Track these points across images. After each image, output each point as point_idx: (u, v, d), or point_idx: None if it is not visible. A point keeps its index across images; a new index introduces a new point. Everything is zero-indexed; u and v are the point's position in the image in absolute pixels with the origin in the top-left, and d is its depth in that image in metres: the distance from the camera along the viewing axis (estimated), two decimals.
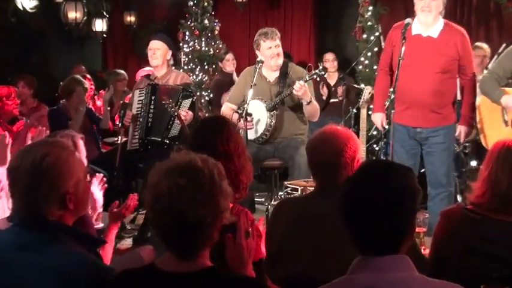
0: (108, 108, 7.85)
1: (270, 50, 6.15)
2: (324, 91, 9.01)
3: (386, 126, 5.94)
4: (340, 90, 9.00)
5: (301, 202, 3.35)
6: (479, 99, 5.81)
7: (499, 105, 5.39)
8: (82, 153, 3.94)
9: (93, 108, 7.66)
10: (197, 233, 2.20)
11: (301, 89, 5.84)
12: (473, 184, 3.09)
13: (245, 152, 3.18)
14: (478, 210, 2.99)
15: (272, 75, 6.30)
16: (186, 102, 6.37)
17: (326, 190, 3.16)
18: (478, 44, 8.07)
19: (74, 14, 9.69)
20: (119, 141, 6.62)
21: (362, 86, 8.85)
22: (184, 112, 6.29)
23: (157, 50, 6.64)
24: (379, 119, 5.86)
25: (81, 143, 4.11)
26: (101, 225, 4.22)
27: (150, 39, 6.88)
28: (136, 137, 6.53)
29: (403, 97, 5.50)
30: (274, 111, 6.13)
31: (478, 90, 5.73)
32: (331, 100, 8.98)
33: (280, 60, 6.22)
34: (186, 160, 2.26)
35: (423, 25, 5.53)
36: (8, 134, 4.13)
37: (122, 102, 6.75)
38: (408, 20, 5.46)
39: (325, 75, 7.17)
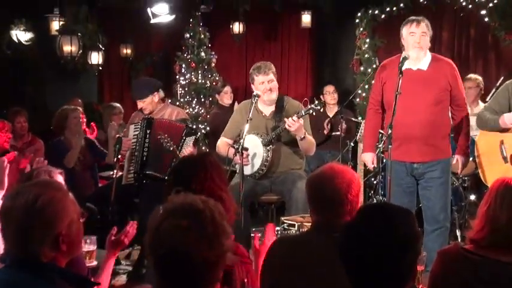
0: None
1: (262, 85, 6.12)
2: (328, 127, 8.98)
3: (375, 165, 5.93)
4: (340, 126, 8.94)
5: (297, 240, 3.32)
6: (477, 134, 5.80)
7: (498, 130, 5.39)
8: None
9: (96, 142, 7.55)
10: (202, 275, 2.17)
11: (294, 124, 5.80)
12: (472, 221, 3.07)
13: (227, 192, 3.12)
14: (476, 249, 2.98)
15: (268, 109, 6.26)
16: (190, 140, 6.35)
17: (323, 228, 3.12)
18: (471, 75, 8.12)
19: (69, 48, 9.66)
20: (114, 176, 6.56)
21: (360, 119, 8.85)
22: (190, 150, 6.28)
23: (143, 104, 6.69)
24: (369, 159, 5.85)
25: (60, 179, 4.00)
26: (94, 263, 4.14)
27: (135, 97, 6.87)
28: (132, 171, 6.50)
29: (397, 132, 5.48)
30: (271, 146, 6.07)
31: (473, 124, 5.74)
32: (333, 134, 8.96)
33: (274, 95, 6.18)
34: (187, 202, 2.24)
35: (413, 60, 5.55)
36: None
37: (117, 136, 6.70)
38: (405, 54, 5.49)
39: (322, 110, 7.12)
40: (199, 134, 6.50)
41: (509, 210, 2.93)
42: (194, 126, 9.72)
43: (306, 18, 10.63)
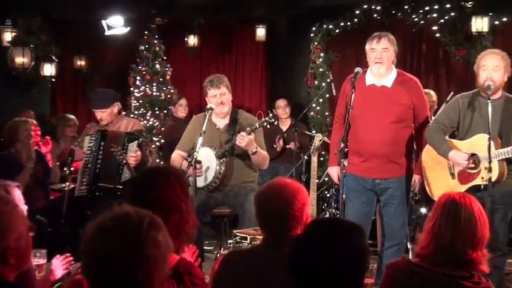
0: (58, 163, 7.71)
1: (214, 98, 6.15)
2: (280, 144, 9.04)
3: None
4: (292, 145, 9.00)
5: (248, 254, 3.31)
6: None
7: (445, 159, 5.39)
8: (20, 202, 3.82)
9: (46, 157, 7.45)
10: (126, 280, 2.12)
11: (244, 140, 5.83)
12: (419, 235, 3.11)
13: (188, 204, 3.12)
14: (423, 262, 3.02)
15: (222, 122, 6.28)
16: (133, 145, 6.38)
17: (273, 243, 3.13)
18: (426, 90, 8.18)
19: (21, 59, 9.58)
20: (66, 188, 6.51)
21: (313, 132, 8.91)
22: (135, 155, 6.29)
23: (103, 114, 6.69)
24: (335, 173, 5.81)
25: (17, 193, 3.95)
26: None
27: (92, 106, 6.84)
28: (85, 183, 6.49)
29: (360, 148, 5.53)
30: (224, 159, 6.09)
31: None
32: (286, 146, 9.03)
33: (226, 108, 6.20)
34: (119, 209, 2.23)
35: (376, 76, 5.58)
36: None
37: (70, 148, 6.66)
38: (358, 69, 5.50)
39: (276, 123, 7.17)
40: (141, 139, 6.48)
41: (454, 227, 2.96)
42: (155, 139, 9.80)
43: (261, 32, 10.69)
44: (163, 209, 2.82)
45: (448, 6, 9.64)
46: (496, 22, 9.54)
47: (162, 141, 9.85)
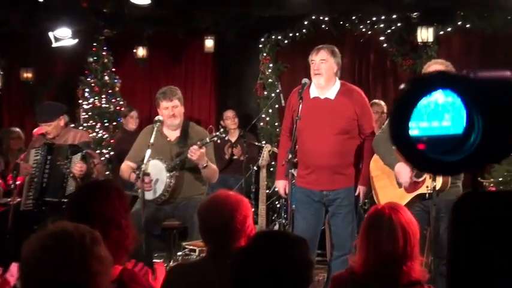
0: None
1: (166, 110, 6.13)
2: (229, 151, 9.04)
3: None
4: (236, 151, 9.04)
5: (192, 267, 3.31)
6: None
7: (391, 169, 5.43)
8: None
9: None
10: None
11: (196, 153, 5.82)
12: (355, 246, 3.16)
13: (128, 219, 3.09)
14: (363, 272, 3.04)
15: (173, 134, 6.26)
16: (76, 157, 6.32)
17: (217, 256, 3.13)
18: (375, 100, 8.27)
19: None
20: (11, 202, 6.41)
21: (263, 142, 8.93)
22: (78, 167, 6.20)
23: (49, 128, 6.61)
24: (282, 186, 5.81)
25: None
26: None
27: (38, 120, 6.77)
28: (31, 197, 6.40)
29: (306, 161, 5.55)
30: (174, 172, 6.06)
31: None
32: (234, 157, 9.04)
33: (177, 121, 6.19)
34: (56, 226, 2.20)
35: (319, 88, 5.61)
36: None
37: (16, 161, 6.57)
38: (305, 80, 5.54)
39: (226, 138, 7.19)
40: (85, 150, 6.42)
41: (376, 240, 3.00)
42: (105, 151, 9.70)
43: (209, 43, 10.67)
44: (102, 224, 2.79)
45: (394, 17, 9.78)
46: (441, 32, 9.71)
47: (112, 153, 9.77)
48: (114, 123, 10.43)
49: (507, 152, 0.82)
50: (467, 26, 9.54)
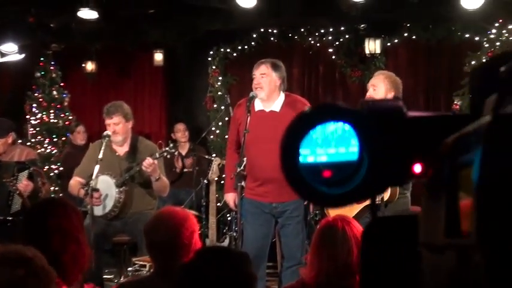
0: None
1: (110, 127, 6.11)
2: (179, 164, 9.03)
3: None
4: (187, 162, 9.05)
5: (140, 285, 3.29)
6: None
7: None
8: None
9: None
10: None
11: (151, 166, 5.81)
12: (306, 258, 3.17)
13: (84, 235, 3.06)
14: (312, 284, 3.04)
15: (121, 149, 6.23)
16: (23, 175, 6.22)
17: (163, 272, 3.12)
18: None
19: None
20: None
21: (213, 155, 8.94)
22: (24, 184, 6.13)
23: None
24: (231, 199, 5.80)
25: None
26: None
27: None
28: None
29: (255, 174, 5.57)
30: (124, 187, 6.03)
31: None
32: (185, 170, 9.03)
33: (119, 138, 6.15)
34: (15, 251, 2.15)
35: (263, 101, 5.65)
36: None
37: None
38: (252, 93, 5.57)
39: (176, 153, 7.18)
40: (32, 168, 6.35)
41: (329, 252, 3.01)
42: (43, 165, 9.57)
43: (158, 57, 10.65)
44: (61, 238, 2.78)
45: (342, 29, 9.89)
46: (388, 44, 9.85)
47: (61, 168, 9.67)
48: (63, 139, 10.33)
49: (392, 182, 0.85)
50: (413, 37, 9.70)
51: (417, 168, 0.82)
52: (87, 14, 8.45)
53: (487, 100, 0.69)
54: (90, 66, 11.00)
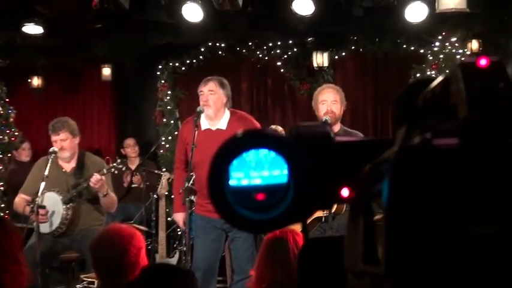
0: None
1: (56, 143, 6.07)
2: (127, 179, 8.98)
3: None
4: (135, 178, 9.01)
5: None
6: None
7: None
8: None
9: None
10: None
11: (98, 182, 5.77)
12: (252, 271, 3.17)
13: (23, 255, 3.02)
14: None
15: (68, 165, 6.18)
16: None
17: None
18: (272, 126, 8.35)
19: None
20: None
21: (163, 170, 8.90)
22: None
23: None
24: (180, 219, 5.84)
25: None
26: None
27: None
28: None
29: (205, 192, 5.57)
30: (71, 204, 5.98)
31: None
32: (133, 185, 8.99)
33: (66, 154, 6.11)
34: None
35: (209, 119, 5.68)
36: None
37: None
38: (200, 108, 5.59)
39: (124, 168, 7.14)
40: None
41: (273, 264, 3.03)
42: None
43: (106, 72, 10.57)
44: (1, 258, 2.74)
45: (290, 42, 9.95)
46: (336, 57, 9.95)
47: (6, 186, 9.52)
48: (9, 155, 10.16)
49: (319, 207, 0.86)
50: (360, 50, 9.81)
51: (345, 192, 0.84)
52: (32, 29, 8.35)
53: (399, 131, 0.71)
54: (36, 81, 10.86)
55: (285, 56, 10.12)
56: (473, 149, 0.60)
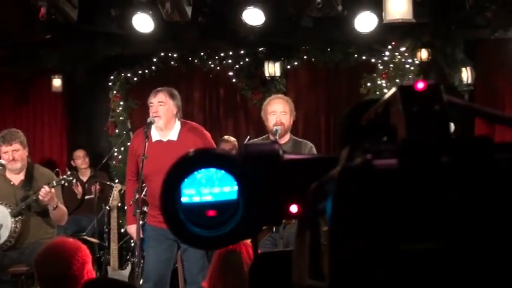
0: None
1: (6, 155, 5.99)
2: (79, 190, 8.90)
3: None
4: (93, 188, 8.95)
5: None
6: None
7: None
8: None
9: None
10: None
11: (48, 195, 5.72)
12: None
13: None
14: None
15: (16, 178, 6.10)
16: None
17: None
18: (225, 137, 8.38)
19: None
20: None
21: (116, 181, 8.86)
22: None
23: None
24: (134, 231, 5.82)
25: None
26: None
27: None
28: None
29: (157, 203, 5.56)
30: (20, 217, 5.91)
31: None
32: (86, 197, 8.91)
33: (18, 165, 6.04)
34: None
35: (160, 130, 5.68)
36: None
37: None
38: (150, 119, 5.59)
39: (74, 180, 7.08)
40: None
41: (226, 275, 3.04)
42: None
43: (57, 82, 10.46)
44: None
45: (242, 52, 9.97)
46: (288, 67, 10.00)
47: None
48: None
49: (268, 222, 0.89)
50: (312, 59, 9.86)
51: (293, 208, 0.85)
52: None
53: (343, 151, 0.74)
54: None
55: (237, 66, 10.14)
56: (410, 169, 0.63)
